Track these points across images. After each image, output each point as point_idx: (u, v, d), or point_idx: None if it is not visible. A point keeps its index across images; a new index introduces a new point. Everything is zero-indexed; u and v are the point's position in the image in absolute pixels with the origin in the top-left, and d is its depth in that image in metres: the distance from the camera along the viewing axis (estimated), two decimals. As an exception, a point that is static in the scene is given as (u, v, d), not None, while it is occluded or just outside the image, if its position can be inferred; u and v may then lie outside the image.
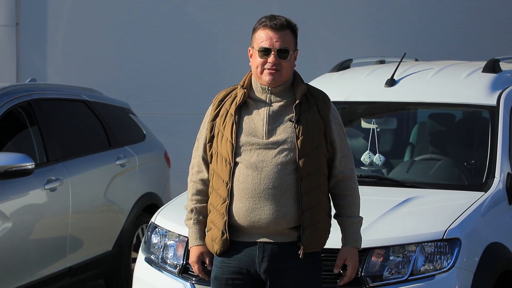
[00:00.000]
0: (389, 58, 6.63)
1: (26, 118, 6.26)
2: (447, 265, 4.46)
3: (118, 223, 6.86)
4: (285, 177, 3.77)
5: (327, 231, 3.89)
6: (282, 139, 3.80)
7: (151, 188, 7.27)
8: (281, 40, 3.80)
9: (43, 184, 6.08)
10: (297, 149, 3.78)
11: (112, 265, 6.80)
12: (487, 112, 5.45)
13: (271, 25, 3.81)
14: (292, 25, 3.86)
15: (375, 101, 5.74)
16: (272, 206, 3.77)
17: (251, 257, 3.83)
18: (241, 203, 3.80)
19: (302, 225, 3.78)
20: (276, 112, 3.84)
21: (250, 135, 3.83)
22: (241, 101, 3.87)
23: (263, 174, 3.77)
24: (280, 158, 3.79)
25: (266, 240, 3.81)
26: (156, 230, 4.91)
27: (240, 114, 3.86)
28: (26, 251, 5.93)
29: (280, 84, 3.86)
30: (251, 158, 3.80)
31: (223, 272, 3.88)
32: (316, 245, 3.84)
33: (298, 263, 3.83)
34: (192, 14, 9.98)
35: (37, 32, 10.11)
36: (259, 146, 3.81)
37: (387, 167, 5.55)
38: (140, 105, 8.99)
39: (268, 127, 3.82)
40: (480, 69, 5.81)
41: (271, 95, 3.87)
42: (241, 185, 3.80)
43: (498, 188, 5.04)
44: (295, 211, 3.79)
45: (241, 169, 3.80)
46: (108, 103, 7.28)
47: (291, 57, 3.84)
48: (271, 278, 3.83)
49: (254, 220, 3.79)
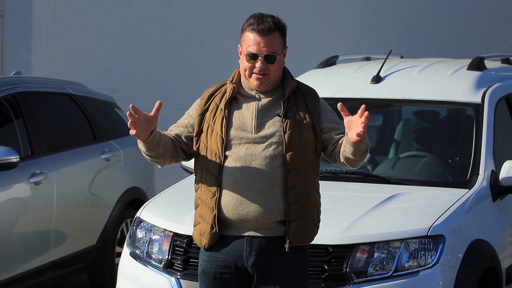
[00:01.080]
0: (375, 55, 6.67)
1: (11, 111, 6.23)
2: (431, 262, 4.49)
3: (102, 217, 6.85)
4: (273, 171, 3.78)
5: (315, 225, 3.88)
6: (270, 133, 3.81)
7: (135, 183, 7.26)
8: (269, 45, 3.79)
9: (28, 178, 6.07)
10: (284, 143, 3.80)
11: (96, 259, 6.78)
12: (472, 109, 5.47)
13: (258, 29, 3.79)
14: (280, 25, 3.84)
15: (361, 98, 5.71)
16: (260, 199, 3.78)
17: (238, 251, 3.83)
18: (229, 196, 3.81)
19: (288, 218, 3.78)
20: (265, 107, 3.86)
21: (240, 129, 3.84)
22: (230, 96, 3.88)
23: (251, 168, 3.78)
24: (269, 152, 3.80)
25: (253, 234, 3.82)
26: (141, 225, 4.92)
27: (230, 108, 3.88)
28: (10, 244, 5.92)
29: (269, 86, 3.87)
30: (240, 152, 3.81)
31: (210, 266, 3.88)
32: (302, 239, 3.83)
33: (286, 258, 3.83)
34: (179, 9, 9.96)
35: (22, 25, 10.06)
36: (248, 140, 3.82)
37: (372, 164, 5.56)
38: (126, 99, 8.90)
39: (257, 121, 3.84)
40: (465, 67, 5.85)
41: (259, 93, 3.89)
42: (229, 178, 3.80)
43: (482, 185, 5.07)
44: (283, 204, 3.79)
45: (230, 162, 3.82)
46: (94, 97, 7.26)
47: (280, 59, 3.84)
48: (258, 272, 3.83)
49: (242, 213, 3.80)
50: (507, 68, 6.32)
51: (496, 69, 6.12)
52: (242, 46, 3.87)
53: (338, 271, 4.41)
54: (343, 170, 5.34)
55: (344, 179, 5.30)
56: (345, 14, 9.71)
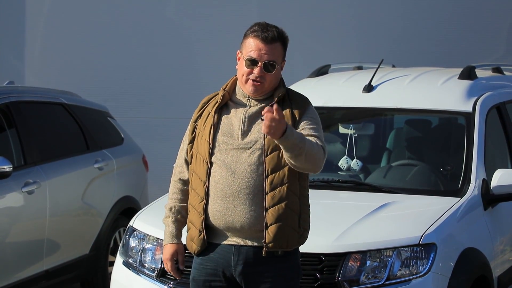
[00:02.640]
0: (367, 64, 6.67)
1: (4, 120, 6.24)
2: (423, 270, 4.50)
3: (95, 226, 6.86)
4: (258, 178, 3.78)
5: (295, 231, 3.81)
6: (254, 140, 3.82)
7: (128, 192, 7.27)
8: (270, 53, 3.81)
9: (21, 187, 6.09)
10: (264, 148, 3.80)
11: (89, 268, 6.79)
12: (463, 118, 5.48)
13: (262, 36, 3.81)
14: (283, 37, 3.87)
15: (352, 107, 5.77)
16: (246, 206, 3.78)
17: (226, 259, 3.84)
18: (216, 203, 3.82)
19: (265, 222, 3.76)
20: (253, 114, 3.87)
21: (227, 136, 3.85)
22: (220, 102, 3.90)
23: (236, 175, 3.79)
24: (253, 158, 3.80)
25: (241, 242, 3.82)
26: (134, 234, 4.92)
27: (220, 115, 3.90)
28: (3, 253, 5.92)
29: (262, 94, 3.88)
30: (226, 159, 3.82)
31: (200, 274, 3.90)
32: (280, 244, 3.78)
33: (274, 268, 3.82)
34: (171, 19, 9.98)
35: (15, 35, 10.08)
36: (234, 147, 3.83)
37: (365, 172, 5.57)
38: (119, 108, 8.96)
39: (243, 128, 3.85)
40: (456, 76, 5.87)
41: (251, 100, 3.91)
42: (216, 185, 3.82)
43: (473, 194, 5.08)
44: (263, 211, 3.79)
45: (216, 169, 3.83)
46: (87, 107, 7.27)
47: (278, 70, 3.86)
48: (246, 282, 3.84)
49: (229, 221, 3.81)
50: (498, 77, 6.35)
51: (487, 78, 6.15)
52: (242, 51, 3.89)
53: (330, 280, 4.41)
54: (336, 179, 5.39)
55: (336, 188, 5.31)
56: (337, 24, 9.74)
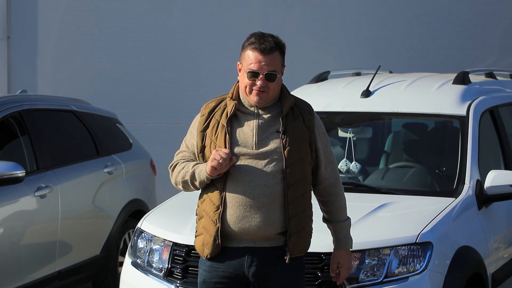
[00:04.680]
0: (365, 70, 6.68)
1: (17, 128, 6.28)
2: (419, 268, 4.54)
3: (105, 228, 6.89)
4: (274, 186, 3.83)
5: (310, 236, 3.98)
6: (270, 150, 3.85)
7: (137, 195, 7.30)
8: (270, 64, 3.84)
9: (33, 191, 6.12)
10: (284, 158, 3.83)
11: (100, 269, 6.82)
12: (458, 121, 5.50)
13: (260, 48, 3.82)
14: (280, 45, 3.88)
15: (351, 111, 5.78)
16: (262, 214, 3.83)
17: (240, 261, 3.88)
18: (232, 210, 3.85)
19: (289, 231, 3.85)
20: (265, 123, 3.89)
21: (241, 146, 3.87)
22: (232, 112, 3.90)
23: (253, 184, 3.83)
24: (270, 167, 3.84)
25: (254, 245, 3.88)
26: (142, 235, 4.95)
27: (231, 125, 3.90)
28: (17, 256, 5.96)
29: (267, 103, 3.92)
30: (242, 168, 3.84)
31: (211, 276, 3.94)
32: (301, 250, 3.92)
33: (284, 266, 3.90)
34: (176, 28, 9.97)
35: (28, 45, 10.10)
36: (249, 156, 3.86)
37: (363, 174, 5.60)
38: (127, 115, 8.94)
39: (257, 138, 3.87)
40: (451, 81, 5.89)
41: (258, 109, 3.95)
42: (233, 194, 3.85)
43: (468, 194, 5.12)
44: (283, 218, 3.85)
45: (233, 178, 3.85)
46: (96, 113, 7.29)
47: (279, 78, 3.89)
48: (260, 282, 3.90)
49: (245, 227, 3.85)
50: (491, 82, 6.37)
51: (480, 83, 6.16)
52: (242, 63, 3.90)
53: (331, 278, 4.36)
54: None
55: None
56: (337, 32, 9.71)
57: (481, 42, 9.54)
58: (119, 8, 10.12)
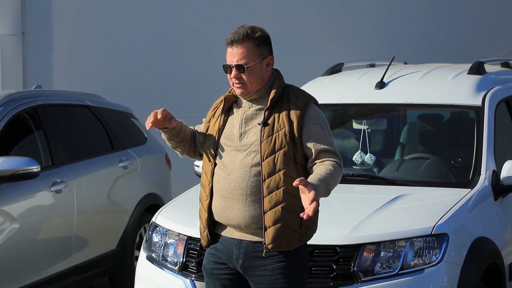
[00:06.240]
0: (380, 62, 6.69)
1: (32, 123, 6.31)
2: (435, 259, 4.54)
3: (121, 222, 6.92)
4: (251, 179, 3.82)
5: (296, 231, 3.84)
6: (250, 142, 3.86)
7: (153, 189, 7.32)
8: (238, 56, 3.85)
9: (49, 186, 6.15)
10: (260, 151, 3.83)
11: (116, 263, 6.85)
12: (473, 112, 5.50)
13: (229, 41, 3.87)
14: (253, 36, 3.85)
15: (365, 103, 5.79)
16: (240, 207, 3.84)
17: (229, 252, 3.93)
18: (217, 201, 3.91)
19: (264, 225, 3.81)
20: (250, 116, 3.90)
21: (228, 138, 3.92)
22: (224, 105, 3.97)
23: (232, 176, 3.85)
24: (248, 160, 3.84)
25: (242, 237, 3.89)
26: (157, 229, 4.98)
27: (226, 117, 3.97)
28: (33, 250, 6.00)
29: (251, 94, 3.91)
30: (225, 160, 3.89)
31: (208, 262, 4.01)
32: (280, 245, 3.82)
33: (274, 263, 3.86)
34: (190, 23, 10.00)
35: (42, 41, 10.13)
36: (232, 148, 3.89)
37: (378, 166, 5.60)
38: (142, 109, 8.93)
39: (241, 130, 3.89)
40: (466, 71, 5.88)
41: (250, 102, 3.95)
42: (217, 184, 3.90)
43: (484, 185, 5.11)
44: (260, 212, 3.82)
45: (218, 169, 3.91)
46: (111, 108, 7.31)
47: (253, 68, 3.85)
48: (248, 274, 3.92)
49: (227, 218, 3.89)
50: (507, 71, 6.34)
51: (496, 72, 6.15)
52: None
53: (346, 270, 4.47)
54: (350, 173, 5.43)
55: (351, 182, 5.34)
56: (350, 23, 9.70)
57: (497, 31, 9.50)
58: (133, 3, 10.14)
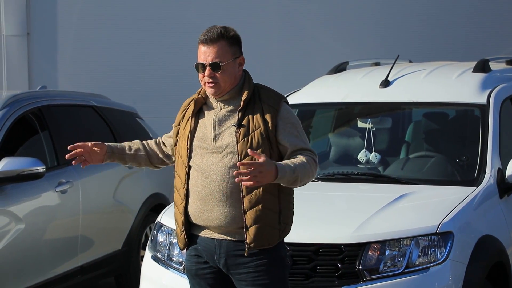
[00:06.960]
0: (384, 60, 6.66)
1: (37, 123, 6.32)
2: (441, 258, 4.54)
3: (127, 222, 6.93)
4: (230, 180, 3.81)
5: (275, 229, 3.85)
6: (226, 144, 3.85)
7: (158, 189, 7.31)
8: (213, 54, 3.83)
9: (54, 187, 6.16)
10: (237, 153, 3.82)
11: (122, 263, 6.86)
12: (478, 110, 5.50)
13: (203, 40, 3.85)
14: (226, 35, 3.85)
15: (370, 102, 5.79)
16: (220, 208, 3.84)
17: (210, 252, 3.91)
18: (194, 204, 3.89)
19: (245, 225, 3.81)
20: (223, 117, 3.88)
21: (202, 140, 3.89)
22: (194, 107, 3.94)
23: (210, 178, 3.84)
24: (225, 162, 3.83)
25: (222, 237, 3.88)
26: (162, 229, 4.97)
27: (197, 119, 3.93)
28: (39, 251, 6.01)
29: (223, 94, 3.89)
30: (201, 162, 3.87)
31: (190, 264, 3.99)
32: (262, 244, 3.83)
33: (256, 260, 3.86)
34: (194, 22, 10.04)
35: (47, 41, 10.16)
36: (207, 151, 3.87)
37: (383, 165, 5.59)
38: (147, 109, 8.98)
39: (215, 132, 3.88)
40: (471, 69, 5.88)
41: (220, 103, 3.92)
42: (193, 187, 3.88)
43: (489, 183, 5.11)
44: (241, 212, 3.82)
45: (193, 172, 3.89)
46: (116, 108, 7.32)
47: (227, 67, 3.84)
48: (231, 273, 3.91)
49: (207, 220, 3.87)
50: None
51: (501, 70, 6.14)
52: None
53: (351, 269, 4.47)
54: (355, 172, 5.45)
55: (356, 180, 5.36)
56: (355, 22, 9.72)
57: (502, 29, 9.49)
58: (137, 4, 10.17)
